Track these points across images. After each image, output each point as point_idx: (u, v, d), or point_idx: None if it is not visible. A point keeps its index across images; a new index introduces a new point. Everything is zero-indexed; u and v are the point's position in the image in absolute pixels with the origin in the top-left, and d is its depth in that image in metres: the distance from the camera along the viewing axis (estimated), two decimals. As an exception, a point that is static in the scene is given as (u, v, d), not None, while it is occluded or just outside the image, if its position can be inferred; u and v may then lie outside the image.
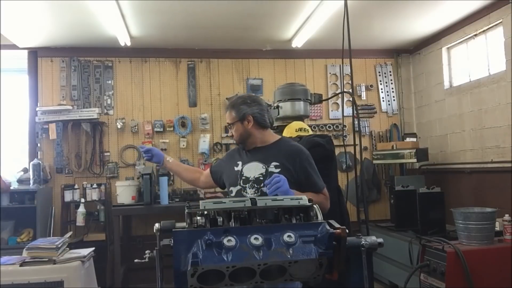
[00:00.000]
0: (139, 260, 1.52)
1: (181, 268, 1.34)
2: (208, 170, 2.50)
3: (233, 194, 2.18)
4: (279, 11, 3.98)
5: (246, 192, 2.14)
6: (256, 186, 2.12)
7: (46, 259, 2.95)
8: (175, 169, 2.60)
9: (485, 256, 3.05)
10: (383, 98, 5.47)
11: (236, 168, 2.21)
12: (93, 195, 4.49)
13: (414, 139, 5.07)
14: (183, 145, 4.96)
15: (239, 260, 1.34)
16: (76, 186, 4.54)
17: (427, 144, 5.08)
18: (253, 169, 2.16)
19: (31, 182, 4.35)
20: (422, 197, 3.90)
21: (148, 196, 4.31)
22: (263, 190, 2.07)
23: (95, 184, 4.54)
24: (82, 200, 4.44)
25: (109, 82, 4.94)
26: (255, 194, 2.11)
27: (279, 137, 2.33)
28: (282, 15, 4.10)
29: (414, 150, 4.55)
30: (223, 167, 2.35)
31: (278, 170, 2.12)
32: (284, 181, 1.94)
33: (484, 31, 4.26)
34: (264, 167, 2.14)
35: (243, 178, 2.16)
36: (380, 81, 5.49)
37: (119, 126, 4.85)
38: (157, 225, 1.48)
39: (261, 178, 2.12)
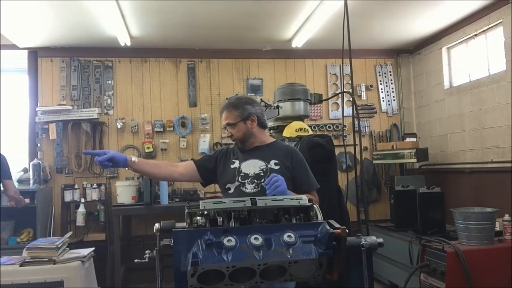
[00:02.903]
0: (139, 260, 1.53)
1: (181, 268, 1.34)
2: (188, 163, 2.36)
3: (231, 191, 2.18)
4: (279, 11, 3.98)
5: (245, 188, 2.14)
6: (256, 181, 2.14)
7: (46, 259, 2.95)
8: (143, 169, 2.24)
9: (485, 256, 3.05)
10: (383, 98, 5.47)
11: (232, 166, 2.22)
12: (93, 195, 4.49)
13: (414, 139, 5.07)
14: (183, 145, 4.96)
15: (239, 260, 1.34)
16: (76, 186, 4.54)
17: (427, 144, 5.08)
18: (253, 166, 2.18)
19: (31, 182, 4.35)
20: (422, 197, 3.90)
21: (148, 196, 4.31)
22: (263, 185, 2.08)
23: (95, 184, 4.54)
24: (82, 200, 4.44)
25: (109, 82, 4.94)
26: (255, 189, 2.13)
27: (274, 139, 2.41)
28: (282, 15, 4.10)
29: (414, 150, 4.55)
30: (215, 165, 2.30)
31: (278, 167, 2.16)
32: (282, 181, 1.97)
33: (484, 31, 4.26)
34: (264, 163, 2.18)
35: (242, 174, 2.17)
36: (380, 81, 5.49)
37: (119, 126, 4.85)
38: (157, 225, 1.49)
39: (262, 174, 2.14)
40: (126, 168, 2.18)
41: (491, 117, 4.11)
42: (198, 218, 1.47)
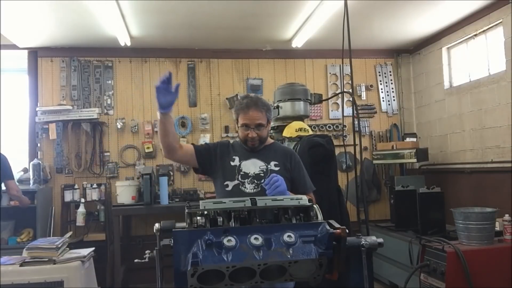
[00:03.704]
0: (139, 260, 1.53)
1: (181, 268, 1.34)
2: (189, 147, 2.31)
3: (229, 189, 2.18)
4: (279, 11, 3.98)
5: (245, 187, 2.16)
6: (256, 181, 2.15)
7: (46, 259, 2.95)
8: (168, 125, 2.16)
9: (485, 256, 3.05)
10: (383, 98, 5.47)
11: (232, 163, 2.22)
12: (93, 195, 4.50)
13: (414, 139, 5.07)
14: (183, 145, 4.95)
15: (239, 260, 1.34)
16: (76, 186, 4.54)
17: (427, 144, 5.07)
18: (253, 166, 2.19)
19: (31, 182, 4.35)
20: (422, 197, 3.90)
21: (148, 196, 4.30)
22: (263, 186, 2.09)
23: (95, 184, 4.54)
24: (82, 200, 4.44)
25: (109, 82, 4.93)
26: (254, 190, 2.14)
27: (273, 140, 2.44)
28: (282, 15, 4.10)
29: (414, 150, 4.54)
30: (214, 157, 2.28)
31: (277, 168, 2.19)
32: (282, 181, 1.99)
33: (484, 31, 4.26)
34: (264, 164, 2.20)
35: (242, 173, 2.18)
36: (380, 81, 5.49)
37: (119, 126, 4.85)
38: (157, 225, 1.49)
39: (262, 174, 2.16)
40: (158, 112, 2.12)
41: (491, 117, 4.11)
42: (198, 218, 1.47)
